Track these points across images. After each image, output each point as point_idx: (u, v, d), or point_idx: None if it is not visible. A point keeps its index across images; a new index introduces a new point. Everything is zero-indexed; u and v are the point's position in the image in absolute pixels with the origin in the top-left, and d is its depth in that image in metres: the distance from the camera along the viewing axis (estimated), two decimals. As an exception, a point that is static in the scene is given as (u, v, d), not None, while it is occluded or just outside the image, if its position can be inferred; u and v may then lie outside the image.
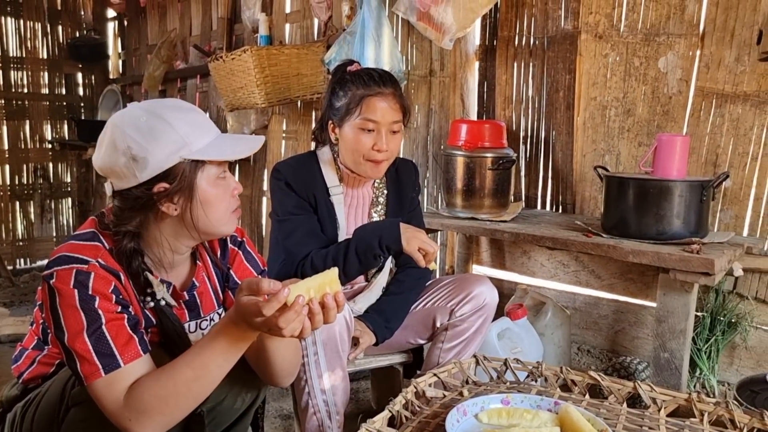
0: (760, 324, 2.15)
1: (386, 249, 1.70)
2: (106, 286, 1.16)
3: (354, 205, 1.90)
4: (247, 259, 1.45)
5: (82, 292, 1.12)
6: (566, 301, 2.60)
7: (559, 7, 2.52)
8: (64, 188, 5.44)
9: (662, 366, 1.88)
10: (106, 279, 1.16)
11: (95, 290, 1.14)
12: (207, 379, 1.12)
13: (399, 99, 1.80)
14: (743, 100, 2.13)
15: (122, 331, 1.14)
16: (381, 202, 1.94)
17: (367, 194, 1.92)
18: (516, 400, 1.29)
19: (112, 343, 1.12)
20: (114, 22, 5.60)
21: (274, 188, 1.83)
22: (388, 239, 1.68)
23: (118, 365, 1.11)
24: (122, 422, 1.10)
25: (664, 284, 1.85)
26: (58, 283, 1.12)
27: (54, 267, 1.14)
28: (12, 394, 1.37)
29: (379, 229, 1.71)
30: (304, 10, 3.42)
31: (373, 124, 1.75)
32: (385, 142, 1.76)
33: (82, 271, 1.14)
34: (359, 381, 2.57)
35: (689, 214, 1.91)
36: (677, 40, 2.25)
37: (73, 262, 1.15)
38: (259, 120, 3.71)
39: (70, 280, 1.13)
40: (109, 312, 1.14)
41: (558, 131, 2.58)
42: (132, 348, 1.14)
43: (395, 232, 1.68)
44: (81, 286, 1.13)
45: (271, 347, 1.24)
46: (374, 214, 1.92)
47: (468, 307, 1.83)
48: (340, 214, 1.85)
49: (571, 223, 2.25)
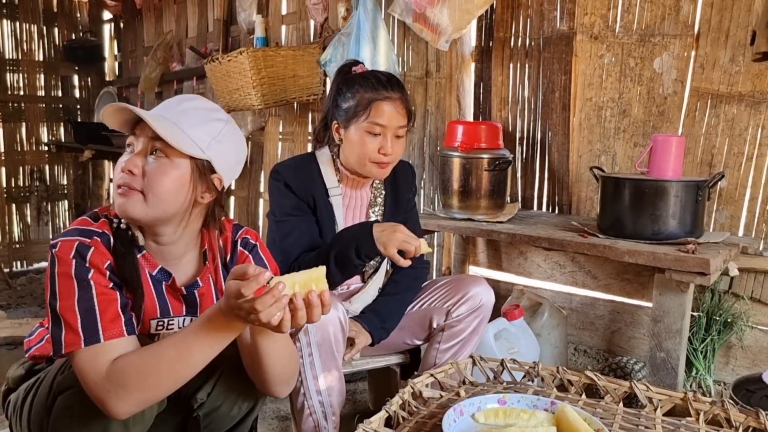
0: (755, 324, 2.16)
1: (365, 257, 1.70)
2: (103, 261, 1.19)
3: (352, 206, 1.91)
4: (257, 264, 1.40)
5: (78, 263, 1.16)
6: (563, 302, 2.61)
7: (554, 8, 2.53)
8: (61, 190, 5.44)
9: (658, 366, 1.89)
10: (105, 255, 1.20)
11: (92, 263, 1.17)
12: (189, 362, 1.13)
13: (405, 104, 1.80)
14: (738, 101, 2.14)
15: (111, 307, 1.17)
16: (379, 203, 1.94)
17: (365, 195, 1.93)
18: (512, 400, 1.29)
19: (99, 317, 1.15)
20: (110, 24, 5.60)
21: (273, 189, 1.83)
22: (364, 248, 1.68)
23: (99, 340, 1.14)
24: (102, 394, 1.11)
25: (660, 284, 1.85)
26: (60, 252, 1.17)
27: (60, 238, 1.19)
28: (18, 373, 1.40)
29: (354, 238, 1.70)
30: (300, 11, 3.43)
31: (380, 129, 1.75)
32: (390, 146, 1.77)
33: (84, 244, 1.18)
34: (356, 382, 2.57)
35: (685, 215, 1.92)
36: (672, 40, 2.26)
37: (78, 234, 1.19)
38: (255, 122, 3.71)
39: (71, 250, 1.17)
40: (101, 285, 1.17)
41: (554, 132, 2.58)
42: (116, 326, 1.16)
43: (369, 239, 1.67)
44: (79, 257, 1.17)
45: (261, 344, 1.23)
46: (372, 215, 1.92)
47: (464, 307, 1.83)
48: (339, 215, 1.86)
49: (567, 223, 2.26)
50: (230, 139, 1.28)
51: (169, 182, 1.20)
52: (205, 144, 1.23)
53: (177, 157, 1.21)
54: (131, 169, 1.19)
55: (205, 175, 1.26)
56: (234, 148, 1.30)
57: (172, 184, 1.21)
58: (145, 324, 1.30)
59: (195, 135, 1.22)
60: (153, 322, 1.31)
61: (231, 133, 1.29)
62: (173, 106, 1.26)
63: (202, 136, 1.23)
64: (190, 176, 1.23)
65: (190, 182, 1.24)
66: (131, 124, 1.25)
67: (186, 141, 1.21)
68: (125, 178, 1.20)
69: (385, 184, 1.96)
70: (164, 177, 1.20)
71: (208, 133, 1.24)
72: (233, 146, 1.30)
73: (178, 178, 1.22)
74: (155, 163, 1.20)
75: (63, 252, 1.17)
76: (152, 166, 1.20)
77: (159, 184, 1.20)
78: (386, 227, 1.69)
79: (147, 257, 1.29)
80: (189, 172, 1.23)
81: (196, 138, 1.22)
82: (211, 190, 1.28)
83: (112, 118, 1.23)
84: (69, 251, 1.17)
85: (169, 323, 1.34)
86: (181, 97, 1.31)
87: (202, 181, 1.25)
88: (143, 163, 1.20)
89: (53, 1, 5.29)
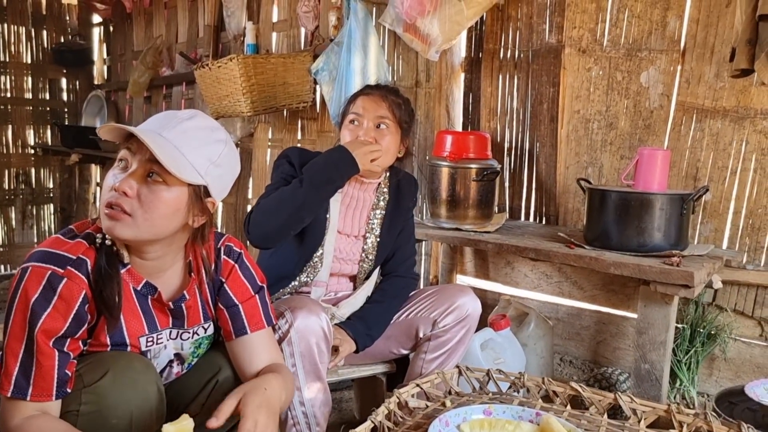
0: (738, 336, 2.18)
1: (346, 176, 1.77)
2: (77, 293, 1.16)
3: (353, 206, 1.92)
4: (244, 274, 1.41)
5: (37, 305, 1.13)
6: (549, 312, 2.62)
7: (543, 21, 2.56)
8: (46, 194, 5.39)
9: (643, 377, 1.90)
10: (79, 285, 1.17)
11: (62, 296, 1.15)
12: None
13: (386, 99, 1.85)
14: (722, 116, 2.17)
15: (49, 367, 1.15)
16: (381, 206, 1.95)
17: (368, 198, 1.94)
18: (498, 410, 1.29)
19: (34, 374, 1.14)
20: (99, 27, 5.58)
21: (276, 166, 1.87)
22: (345, 167, 1.74)
23: (25, 397, 1.14)
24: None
25: (645, 296, 1.87)
26: (27, 283, 1.14)
27: (32, 262, 1.16)
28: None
29: (331, 161, 1.75)
30: (291, 19, 3.43)
31: (356, 116, 1.85)
32: (365, 131, 1.82)
33: (57, 275, 1.15)
34: (342, 391, 2.56)
35: (670, 227, 1.94)
36: (659, 55, 2.29)
37: (52, 261, 1.16)
38: (244, 128, 3.71)
39: (39, 283, 1.14)
40: (45, 343, 1.14)
41: (542, 143, 2.60)
42: (47, 389, 1.15)
43: (348, 156, 1.74)
44: (50, 288, 1.14)
45: None
46: (373, 218, 1.93)
47: (451, 318, 1.84)
48: (334, 211, 1.87)
49: (554, 234, 2.27)
50: (227, 162, 1.25)
51: (164, 208, 1.16)
52: (204, 169, 1.19)
53: (175, 184, 1.17)
54: (126, 191, 1.14)
55: (201, 199, 1.22)
56: (230, 171, 1.28)
57: (167, 210, 1.17)
58: (134, 343, 1.29)
59: (195, 160, 1.18)
60: (142, 340, 1.30)
61: (228, 155, 1.25)
62: (173, 125, 1.19)
63: (202, 161, 1.19)
64: (186, 202, 1.20)
65: (186, 207, 1.20)
66: (125, 135, 1.19)
67: (186, 168, 1.16)
68: (117, 199, 1.15)
69: (389, 190, 1.97)
70: (160, 204, 1.16)
71: (207, 157, 1.20)
72: (229, 169, 1.27)
73: (174, 204, 1.18)
74: (151, 188, 1.16)
75: (29, 284, 1.14)
76: (148, 191, 1.15)
77: (153, 210, 1.15)
78: (355, 142, 1.80)
79: (131, 272, 1.26)
80: (185, 198, 1.19)
81: (195, 163, 1.18)
82: (204, 213, 1.25)
83: (107, 133, 1.19)
84: (37, 283, 1.13)
85: (158, 338, 1.32)
86: (182, 115, 1.23)
87: (197, 205, 1.22)
88: (138, 186, 1.15)
89: (42, 4, 5.27)
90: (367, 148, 1.77)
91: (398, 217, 1.96)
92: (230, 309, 1.38)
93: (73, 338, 1.19)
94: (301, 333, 1.59)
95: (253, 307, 1.40)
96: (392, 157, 1.88)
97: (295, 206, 1.70)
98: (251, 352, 1.37)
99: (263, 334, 1.41)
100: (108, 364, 1.21)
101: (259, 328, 1.40)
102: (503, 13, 2.67)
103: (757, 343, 2.15)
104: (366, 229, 1.92)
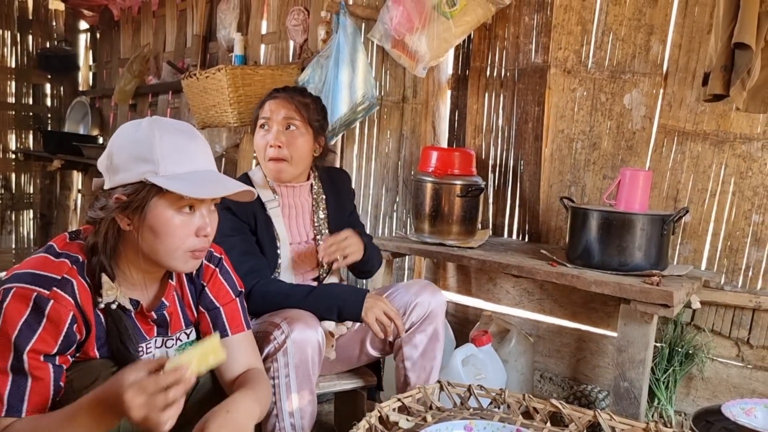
0: (716, 356, 2.20)
1: (344, 316, 1.74)
2: (66, 313, 1.15)
3: (294, 214, 1.95)
4: (225, 278, 1.44)
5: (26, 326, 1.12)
6: (530, 329, 2.63)
7: (530, 41, 2.60)
8: (26, 199, 5.33)
9: (622, 395, 1.91)
10: (67, 306, 1.16)
11: (50, 317, 1.13)
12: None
13: (292, 101, 1.88)
14: (703, 139, 2.21)
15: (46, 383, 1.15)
16: (321, 207, 1.98)
17: (305, 201, 1.97)
18: (479, 426, 1.30)
19: (28, 393, 1.13)
20: (86, 34, 5.55)
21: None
22: (349, 311, 1.72)
23: (20, 414, 1.13)
24: None
25: (625, 315, 1.89)
26: (10, 306, 1.11)
27: (15, 283, 1.13)
28: None
29: (343, 296, 1.73)
30: (280, 32, 3.45)
31: (265, 120, 1.87)
32: (275, 137, 1.84)
33: (43, 297, 1.13)
34: (322, 404, 2.54)
35: (650, 247, 1.97)
36: (642, 78, 2.33)
37: (37, 283, 1.14)
38: (230, 139, 3.70)
39: (26, 305, 1.12)
40: (36, 360, 1.13)
41: (526, 161, 2.63)
42: (42, 405, 1.14)
43: (359, 303, 1.71)
44: (37, 309, 1.12)
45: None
46: (318, 220, 1.97)
47: (414, 316, 1.84)
48: (279, 225, 1.90)
49: (536, 251, 2.29)
50: None
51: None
52: None
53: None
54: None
55: None
56: None
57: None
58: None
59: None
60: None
61: None
62: (210, 163, 1.28)
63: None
64: None
65: None
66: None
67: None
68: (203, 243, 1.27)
69: (324, 188, 2.01)
70: None
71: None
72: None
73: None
74: None
75: (14, 306, 1.12)
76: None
77: None
78: (378, 297, 1.74)
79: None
80: None
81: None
82: None
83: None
84: (24, 305, 1.12)
85: (147, 348, 1.33)
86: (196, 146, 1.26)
87: None
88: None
89: (29, 9, 5.24)
90: (382, 310, 1.72)
91: (342, 216, 2.01)
92: (211, 312, 1.41)
93: (63, 355, 1.18)
94: (298, 344, 1.60)
95: (233, 310, 1.43)
96: (308, 157, 1.92)
97: (290, 305, 1.72)
98: (231, 354, 1.37)
99: (243, 337, 1.43)
100: (97, 371, 1.21)
101: (240, 331, 1.43)
102: (491, 32, 2.70)
103: (734, 364, 2.18)
104: (315, 232, 1.96)
